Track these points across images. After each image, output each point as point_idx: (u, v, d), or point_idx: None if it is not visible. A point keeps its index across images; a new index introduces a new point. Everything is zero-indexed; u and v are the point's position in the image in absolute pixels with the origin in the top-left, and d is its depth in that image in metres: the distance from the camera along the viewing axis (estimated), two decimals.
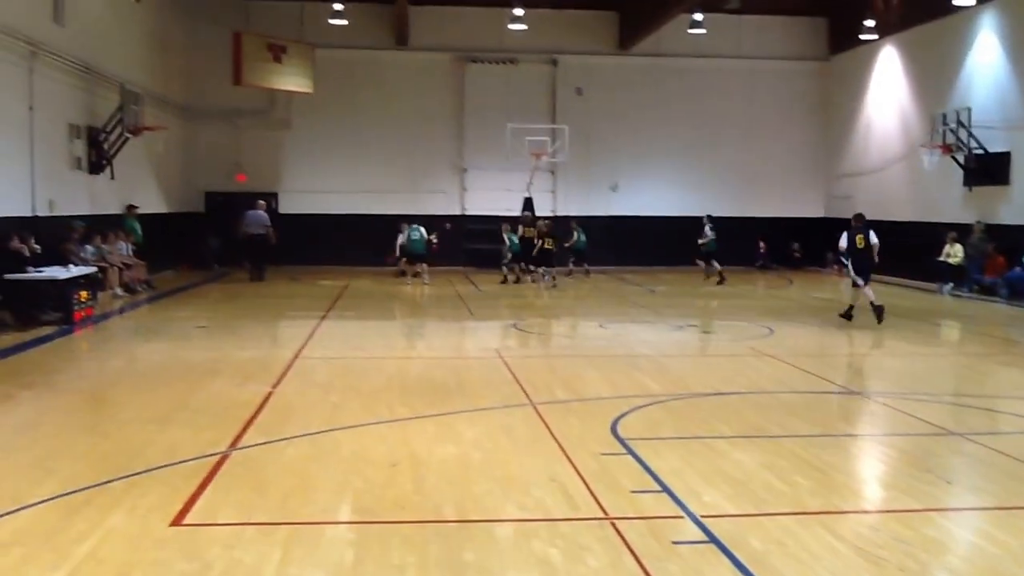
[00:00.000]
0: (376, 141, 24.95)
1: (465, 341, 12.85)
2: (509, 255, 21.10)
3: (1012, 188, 18.36)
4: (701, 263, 21.55)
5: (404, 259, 21.10)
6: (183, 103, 23.67)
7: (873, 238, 13.51)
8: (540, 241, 20.25)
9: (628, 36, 24.72)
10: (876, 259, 13.52)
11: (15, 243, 13.00)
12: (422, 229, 20.74)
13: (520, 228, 20.99)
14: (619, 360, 11.12)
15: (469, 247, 24.66)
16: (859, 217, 13.94)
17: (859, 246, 13.53)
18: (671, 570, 4.36)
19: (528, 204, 23.46)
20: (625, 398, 8.27)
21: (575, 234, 22.36)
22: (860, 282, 13.52)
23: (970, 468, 6.35)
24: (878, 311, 13.24)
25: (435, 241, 21.81)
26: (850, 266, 13.85)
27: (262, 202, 21.92)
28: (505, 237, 21.20)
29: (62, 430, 7.06)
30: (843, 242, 13.80)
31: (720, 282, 20.44)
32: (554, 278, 20.12)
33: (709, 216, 21.65)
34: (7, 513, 5.06)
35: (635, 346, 12.45)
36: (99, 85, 17.47)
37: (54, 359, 10.49)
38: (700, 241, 21.41)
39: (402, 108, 24.91)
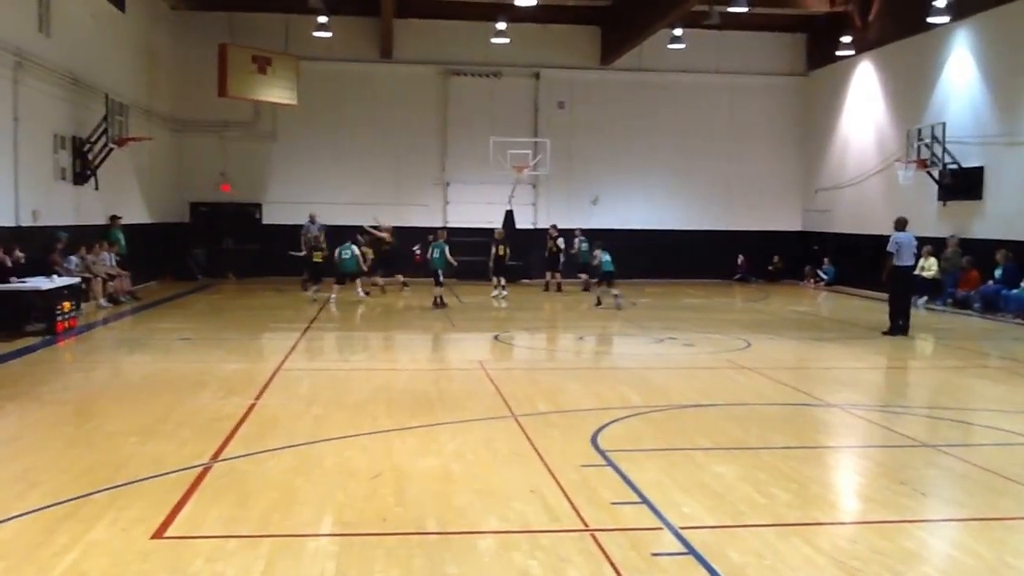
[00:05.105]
0: (360, 153, 25.02)
1: (447, 353, 12.89)
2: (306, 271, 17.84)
3: (985, 203, 18.68)
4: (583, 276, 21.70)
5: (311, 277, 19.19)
6: (169, 114, 23.65)
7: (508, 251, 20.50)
8: (495, 248, 20.13)
9: (610, 51, 24.95)
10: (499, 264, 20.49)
11: None
12: (354, 247, 18.61)
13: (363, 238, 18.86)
14: (600, 372, 11.22)
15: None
16: (499, 232, 20.73)
17: (500, 254, 20.17)
18: None
19: (509, 217, 23.54)
20: (606, 410, 8.34)
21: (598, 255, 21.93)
22: (498, 280, 19.93)
23: (945, 480, 6.44)
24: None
25: (418, 252, 21.78)
26: (493, 266, 20.22)
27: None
28: (304, 243, 17.83)
29: (45, 442, 7.05)
30: (493, 250, 20.44)
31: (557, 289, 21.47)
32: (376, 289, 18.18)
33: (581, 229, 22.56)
34: None
35: (616, 358, 12.56)
36: (84, 96, 17.42)
37: (38, 370, 10.45)
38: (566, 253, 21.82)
39: (386, 120, 24.99)
